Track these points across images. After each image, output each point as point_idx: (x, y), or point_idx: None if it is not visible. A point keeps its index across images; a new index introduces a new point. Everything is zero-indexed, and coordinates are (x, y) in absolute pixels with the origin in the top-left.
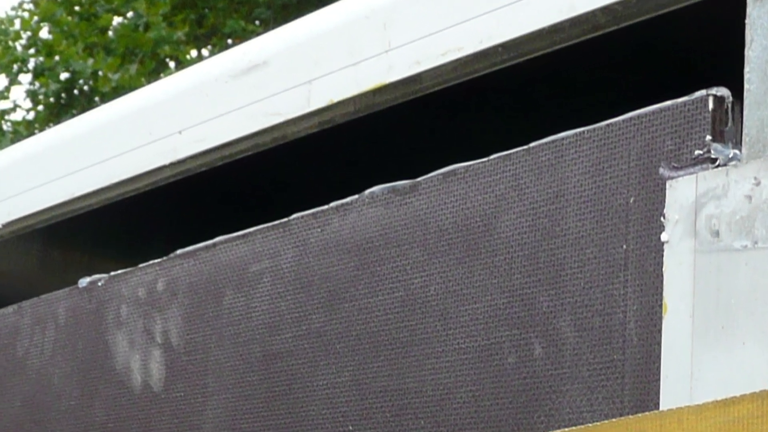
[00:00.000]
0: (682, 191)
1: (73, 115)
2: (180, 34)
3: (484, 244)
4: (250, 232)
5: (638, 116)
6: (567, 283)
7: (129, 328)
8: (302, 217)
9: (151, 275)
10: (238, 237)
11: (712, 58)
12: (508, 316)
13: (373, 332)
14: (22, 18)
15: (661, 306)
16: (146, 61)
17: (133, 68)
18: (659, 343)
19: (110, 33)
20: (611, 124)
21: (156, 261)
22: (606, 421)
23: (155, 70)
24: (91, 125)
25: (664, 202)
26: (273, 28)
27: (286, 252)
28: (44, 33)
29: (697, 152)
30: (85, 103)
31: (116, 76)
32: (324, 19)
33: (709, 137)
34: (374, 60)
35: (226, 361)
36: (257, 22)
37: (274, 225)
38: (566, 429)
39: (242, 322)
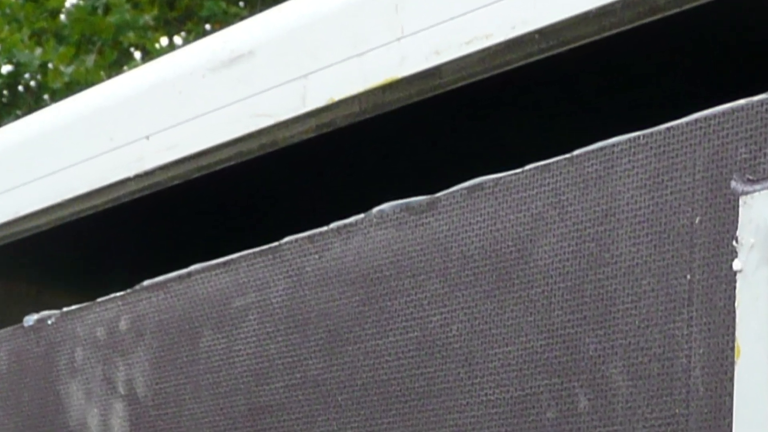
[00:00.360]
0: (758, 209)
1: (18, 117)
2: (147, 18)
3: (518, 273)
4: (232, 260)
5: (705, 118)
6: (618, 322)
7: (85, 376)
8: (296, 241)
9: (112, 312)
10: (218, 265)
11: None
12: (547, 362)
13: (382, 381)
14: None
15: (733, 349)
16: (106, 51)
17: (90, 60)
18: (731, 394)
19: (62, 17)
20: (672, 127)
21: (118, 294)
22: None
23: (117, 62)
24: (39, 129)
25: (737, 222)
26: (260, 10)
27: (277, 283)
28: None
29: None
30: (31, 101)
31: (69, 69)
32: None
33: None
34: (384, 50)
35: (203, 416)
36: (241, 4)
37: (261, 251)
38: None
39: (223, 369)
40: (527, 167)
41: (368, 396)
